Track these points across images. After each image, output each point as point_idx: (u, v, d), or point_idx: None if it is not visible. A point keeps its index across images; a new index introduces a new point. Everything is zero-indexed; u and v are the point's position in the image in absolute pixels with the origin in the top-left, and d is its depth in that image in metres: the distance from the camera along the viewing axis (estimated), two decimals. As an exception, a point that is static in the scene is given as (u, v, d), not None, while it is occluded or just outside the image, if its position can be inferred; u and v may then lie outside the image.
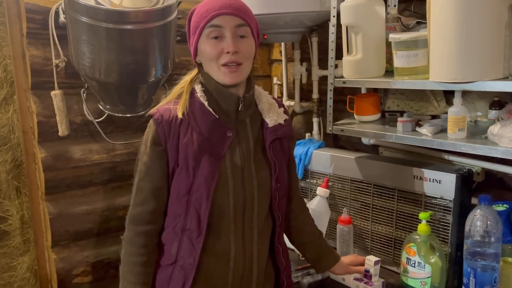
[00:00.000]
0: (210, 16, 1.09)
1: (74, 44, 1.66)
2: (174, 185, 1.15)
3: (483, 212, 1.26)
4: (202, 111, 1.14)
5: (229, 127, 1.15)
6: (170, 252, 1.17)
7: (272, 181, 1.20)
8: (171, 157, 1.14)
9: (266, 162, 1.20)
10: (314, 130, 2.09)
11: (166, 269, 1.18)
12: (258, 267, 1.21)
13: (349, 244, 1.66)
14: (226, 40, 1.10)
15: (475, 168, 1.51)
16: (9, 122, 2.36)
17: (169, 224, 1.18)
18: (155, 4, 1.67)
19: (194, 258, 1.14)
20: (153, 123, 1.14)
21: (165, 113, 1.14)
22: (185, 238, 1.15)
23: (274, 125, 1.20)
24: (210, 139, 1.13)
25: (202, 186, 1.12)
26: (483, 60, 1.16)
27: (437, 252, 1.40)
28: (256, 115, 1.22)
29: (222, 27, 1.09)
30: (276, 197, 1.22)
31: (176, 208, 1.16)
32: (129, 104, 1.85)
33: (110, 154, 1.97)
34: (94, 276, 1.98)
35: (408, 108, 1.66)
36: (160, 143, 1.13)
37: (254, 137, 1.20)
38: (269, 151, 1.19)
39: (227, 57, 1.10)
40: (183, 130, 1.13)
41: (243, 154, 1.17)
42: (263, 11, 1.68)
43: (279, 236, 1.27)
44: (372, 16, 1.47)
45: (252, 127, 1.20)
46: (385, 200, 1.61)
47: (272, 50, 2.41)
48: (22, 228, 2.45)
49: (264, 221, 1.22)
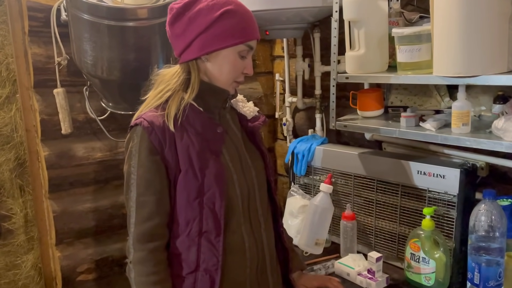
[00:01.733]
0: (250, 37, 1.13)
1: (76, 42, 1.66)
2: (182, 190, 1.11)
3: (487, 206, 1.25)
4: (193, 110, 1.13)
5: (218, 124, 1.17)
6: (188, 259, 1.12)
7: (266, 168, 1.27)
8: (171, 163, 1.09)
9: (257, 150, 1.26)
10: (317, 126, 2.08)
11: (188, 278, 1.13)
12: (269, 253, 1.24)
13: (353, 240, 1.66)
14: (248, 62, 1.16)
15: (479, 162, 1.51)
16: (12, 121, 2.36)
17: (182, 231, 1.13)
18: (157, 1, 1.66)
19: (217, 258, 1.11)
20: (143, 132, 1.08)
21: (154, 120, 1.09)
22: (203, 241, 1.11)
23: (253, 117, 1.27)
24: (206, 137, 1.13)
25: (213, 184, 1.10)
26: (487, 54, 1.15)
27: (441, 247, 1.39)
28: (232, 111, 1.26)
29: (253, 50, 1.16)
30: (271, 182, 1.29)
31: (187, 213, 1.11)
32: (132, 101, 1.83)
33: (113, 152, 1.97)
34: (98, 274, 1.99)
35: (412, 103, 1.65)
36: (156, 152, 1.09)
37: (238, 129, 1.24)
38: (258, 140, 1.26)
39: (242, 77, 1.17)
40: (178, 133, 1.10)
41: (236, 146, 1.20)
42: (265, 7, 1.67)
43: (279, 219, 1.33)
44: (374, 11, 1.47)
45: (233, 121, 1.24)
46: (389, 196, 1.61)
47: (274, 47, 2.41)
48: (26, 226, 2.46)
49: (266, 208, 1.26)
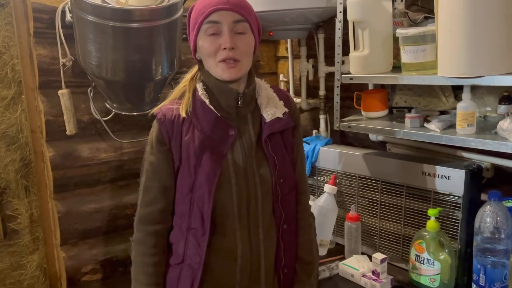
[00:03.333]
0: (207, 12, 1.08)
1: (80, 43, 1.67)
2: (178, 183, 1.16)
3: (493, 208, 1.25)
4: (204, 109, 1.14)
5: (231, 126, 1.15)
6: (177, 251, 1.18)
7: (273, 177, 1.17)
8: (175, 155, 1.14)
9: (265, 157, 1.17)
10: (321, 127, 2.08)
11: (175, 268, 1.18)
12: (266, 264, 1.20)
13: (357, 241, 1.66)
14: (223, 36, 1.09)
15: (484, 163, 1.50)
16: (17, 122, 2.38)
17: (176, 223, 1.18)
18: (161, 2, 1.67)
19: (200, 257, 1.14)
20: (156, 123, 1.15)
21: (168, 113, 1.14)
22: (190, 237, 1.15)
23: (271, 120, 1.17)
24: (212, 137, 1.13)
25: (204, 184, 1.11)
26: (492, 54, 1.15)
27: (446, 248, 1.39)
28: (257, 111, 1.20)
29: (219, 23, 1.09)
30: (278, 193, 1.18)
31: (181, 207, 1.16)
32: (136, 102, 1.85)
33: (118, 152, 1.98)
34: (102, 274, 1.99)
35: (416, 104, 1.64)
36: (164, 142, 1.14)
37: (255, 133, 1.18)
38: (265, 146, 1.16)
39: (224, 54, 1.09)
40: (185, 128, 1.13)
41: (245, 150, 1.16)
42: (269, 8, 1.67)
43: (283, 233, 1.22)
44: (379, 12, 1.46)
45: (253, 123, 1.18)
46: (393, 197, 1.60)
47: (278, 47, 2.41)
48: (31, 227, 2.47)
49: (270, 217, 1.21)
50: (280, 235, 1.23)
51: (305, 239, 1.28)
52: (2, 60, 2.36)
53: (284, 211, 1.21)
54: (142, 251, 1.16)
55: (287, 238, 1.24)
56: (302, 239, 1.27)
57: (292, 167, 1.23)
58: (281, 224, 1.22)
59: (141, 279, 1.16)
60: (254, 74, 1.20)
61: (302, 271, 1.26)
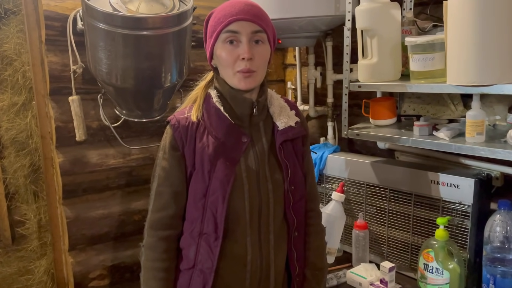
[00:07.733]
0: (227, 21, 1.09)
1: (91, 50, 1.69)
2: (191, 189, 1.17)
3: (502, 217, 1.24)
4: (218, 116, 1.15)
5: (244, 133, 1.16)
6: (188, 256, 1.18)
7: (286, 183, 1.19)
8: (188, 161, 1.15)
9: (278, 164, 1.19)
10: (329, 134, 2.08)
11: (186, 273, 1.18)
12: (275, 271, 1.20)
13: (365, 250, 1.65)
14: (242, 46, 1.10)
15: (494, 172, 1.49)
16: (27, 128, 2.40)
17: (187, 228, 1.19)
18: (171, 10, 1.68)
19: (212, 262, 1.14)
20: (170, 129, 1.16)
21: (181, 119, 1.16)
22: (202, 242, 1.16)
23: (284, 128, 1.19)
24: (226, 144, 1.14)
25: (218, 189, 1.12)
26: (501, 62, 1.15)
27: (456, 258, 1.38)
28: (269, 119, 1.22)
29: (238, 33, 1.10)
30: (290, 200, 1.20)
31: (193, 212, 1.17)
32: (145, 109, 1.86)
33: (126, 159, 1.99)
34: (110, 280, 2.00)
35: (425, 112, 1.64)
36: (177, 148, 1.15)
37: (267, 140, 1.20)
38: (279, 153, 1.18)
39: (242, 64, 1.10)
40: (199, 134, 1.15)
41: (258, 157, 1.17)
42: (277, 16, 1.68)
43: (294, 240, 1.23)
44: (387, 20, 1.47)
45: (265, 131, 1.20)
46: (402, 205, 1.59)
47: (286, 55, 2.42)
48: (39, 232, 2.49)
49: (281, 224, 1.21)
50: (292, 243, 1.23)
51: (318, 244, 1.29)
52: (14, 66, 2.39)
53: (296, 218, 1.23)
54: (153, 256, 1.17)
55: (298, 246, 1.25)
56: (315, 245, 1.28)
57: (302, 175, 1.25)
58: (292, 231, 1.22)
59: (152, 284, 1.16)
60: (266, 83, 1.22)
61: (313, 278, 1.26)
